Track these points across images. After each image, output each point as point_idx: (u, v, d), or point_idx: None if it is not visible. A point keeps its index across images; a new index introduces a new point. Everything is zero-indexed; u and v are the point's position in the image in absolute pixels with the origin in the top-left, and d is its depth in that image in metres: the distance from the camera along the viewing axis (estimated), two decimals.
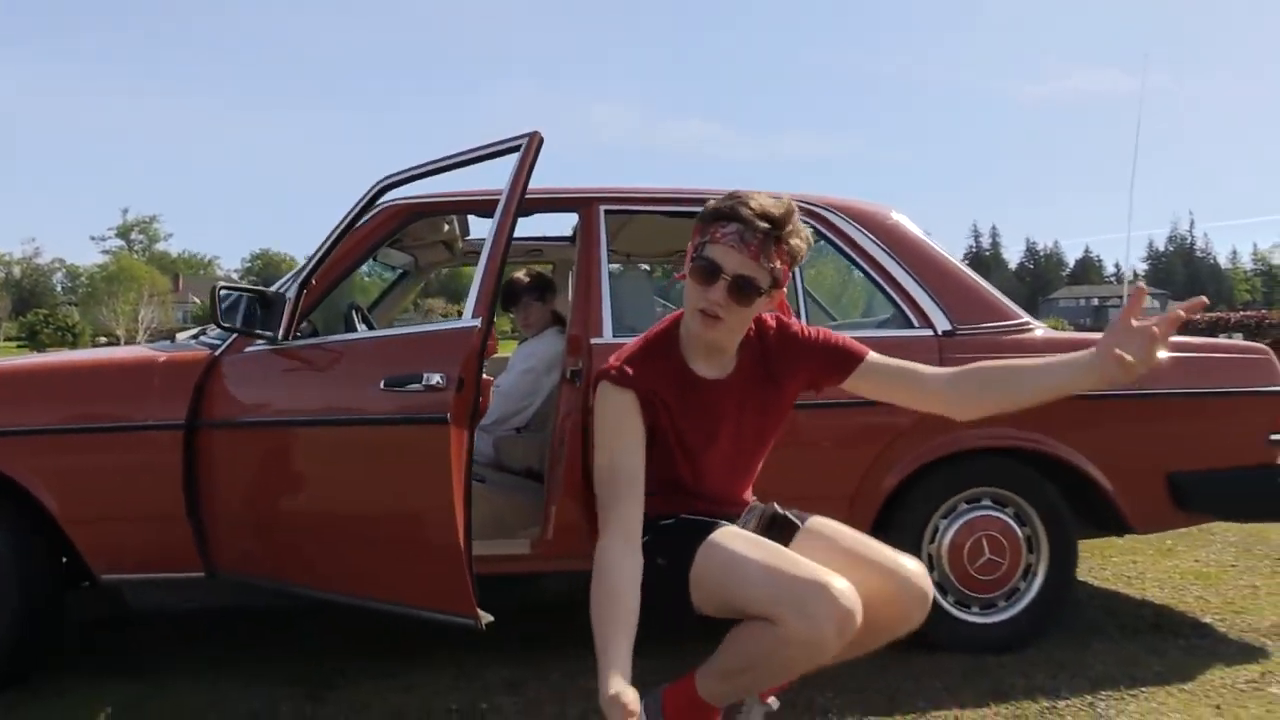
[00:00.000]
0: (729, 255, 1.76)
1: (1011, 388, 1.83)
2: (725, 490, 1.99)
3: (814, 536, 1.91)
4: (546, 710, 2.51)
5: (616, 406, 1.81)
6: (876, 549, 1.88)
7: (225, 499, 2.66)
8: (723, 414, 1.90)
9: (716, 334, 1.83)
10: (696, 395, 1.88)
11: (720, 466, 1.95)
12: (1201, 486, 3.06)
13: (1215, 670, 2.77)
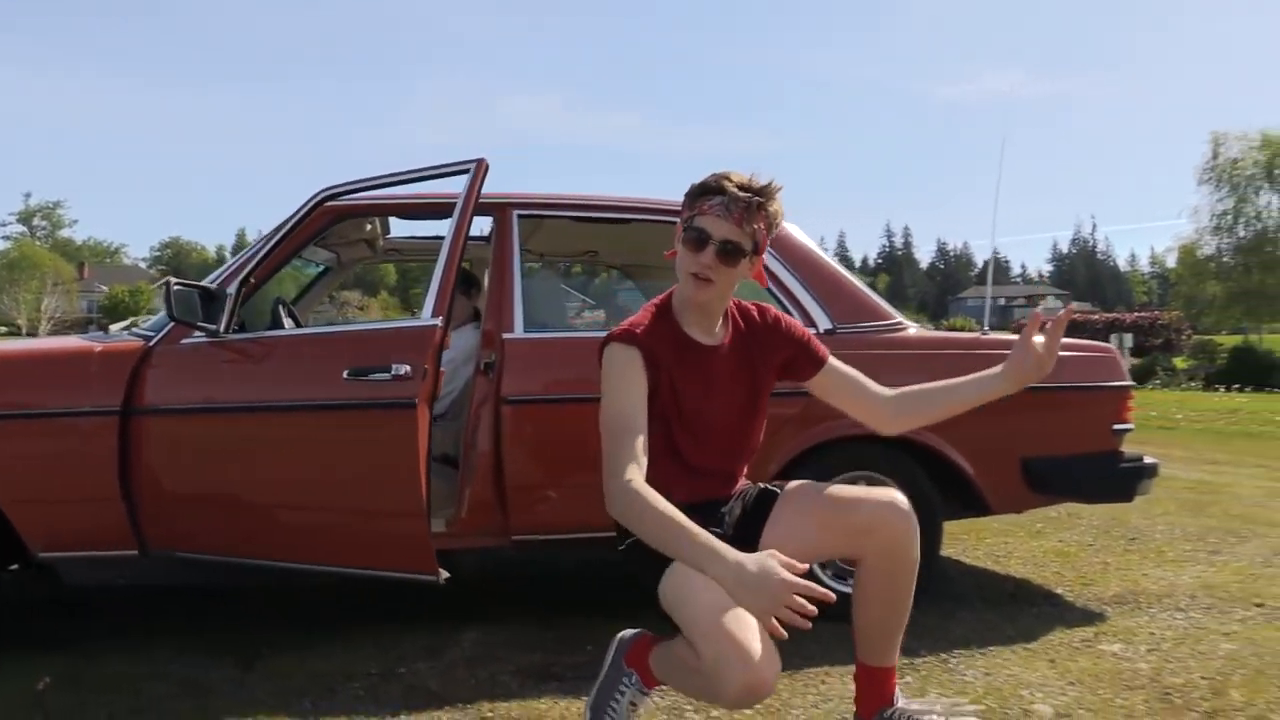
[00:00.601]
0: (716, 223, 1.97)
1: (936, 406, 2.15)
2: (723, 465, 2.14)
3: (790, 502, 2.09)
4: (460, 674, 2.74)
5: (623, 360, 1.98)
6: (841, 504, 2.05)
7: (159, 481, 2.84)
8: (716, 376, 2.08)
9: (708, 295, 2.02)
10: (693, 356, 2.06)
11: (717, 437, 2.10)
12: (1052, 471, 3.43)
13: (1057, 632, 3.13)
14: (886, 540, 2.01)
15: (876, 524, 2.01)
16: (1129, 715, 2.41)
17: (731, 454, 2.16)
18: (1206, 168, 33.48)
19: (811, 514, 2.04)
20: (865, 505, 2.03)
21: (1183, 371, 24.86)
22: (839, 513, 2.03)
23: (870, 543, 2.01)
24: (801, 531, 2.03)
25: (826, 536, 2.04)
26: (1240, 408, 14.65)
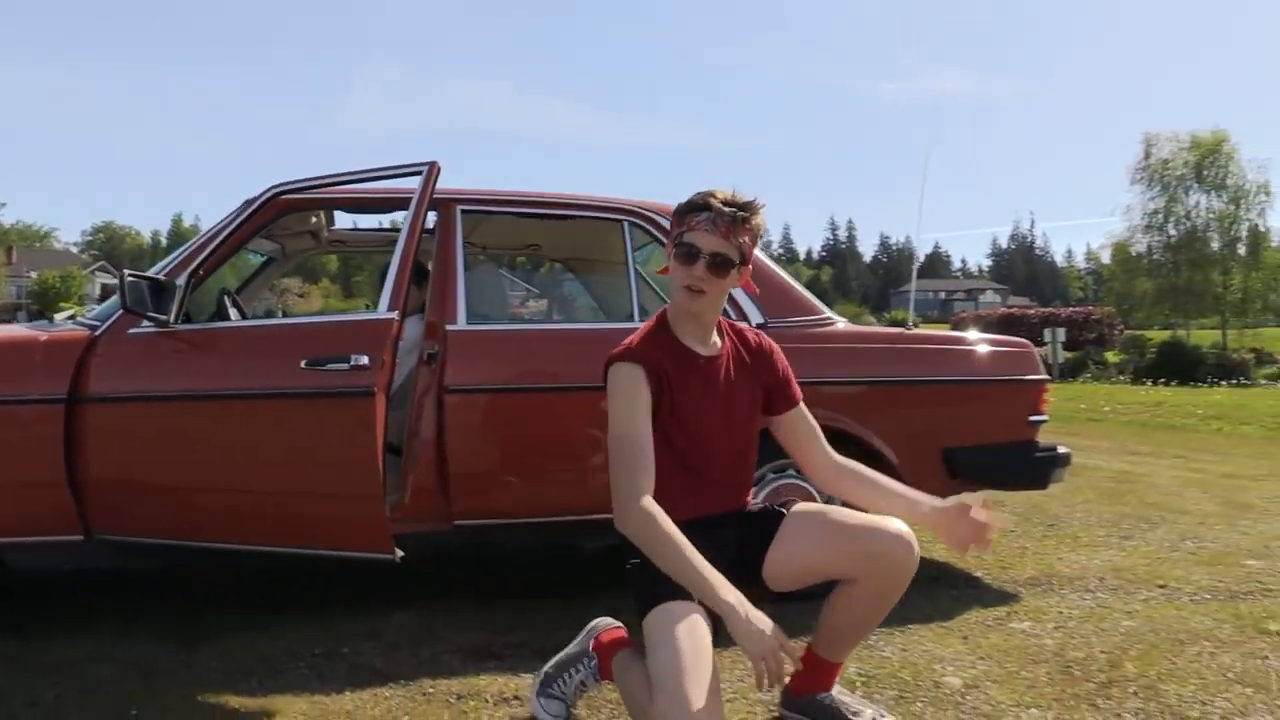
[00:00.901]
0: (705, 238, 2.09)
1: (871, 495, 2.26)
2: (725, 477, 2.23)
3: (798, 524, 2.20)
4: (402, 653, 2.84)
5: (628, 377, 2.08)
6: (852, 530, 2.13)
7: (106, 468, 2.89)
8: (715, 383, 2.19)
9: (700, 305, 2.13)
10: (691, 364, 2.17)
11: (719, 445, 2.19)
12: (971, 460, 3.61)
13: (973, 611, 3.31)
14: (890, 568, 2.12)
15: (885, 553, 2.10)
16: (1032, 686, 2.58)
17: (733, 465, 2.25)
18: (1139, 167, 34.31)
19: (821, 536, 2.15)
20: (878, 534, 2.11)
21: (1114, 365, 25.51)
22: (851, 539, 2.11)
23: (874, 567, 2.11)
24: (809, 551, 2.15)
25: (833, 559, 2.13)
26: (1164, 401, 15.14)
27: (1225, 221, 33.22)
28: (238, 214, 3.10)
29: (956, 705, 2.44)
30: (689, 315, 2.17)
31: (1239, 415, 13.02)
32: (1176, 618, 3.24)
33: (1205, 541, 4.55)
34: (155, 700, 2.47)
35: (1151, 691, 2.54)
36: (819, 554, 2.14)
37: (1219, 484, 6.61)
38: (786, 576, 2.18)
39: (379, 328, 2.80)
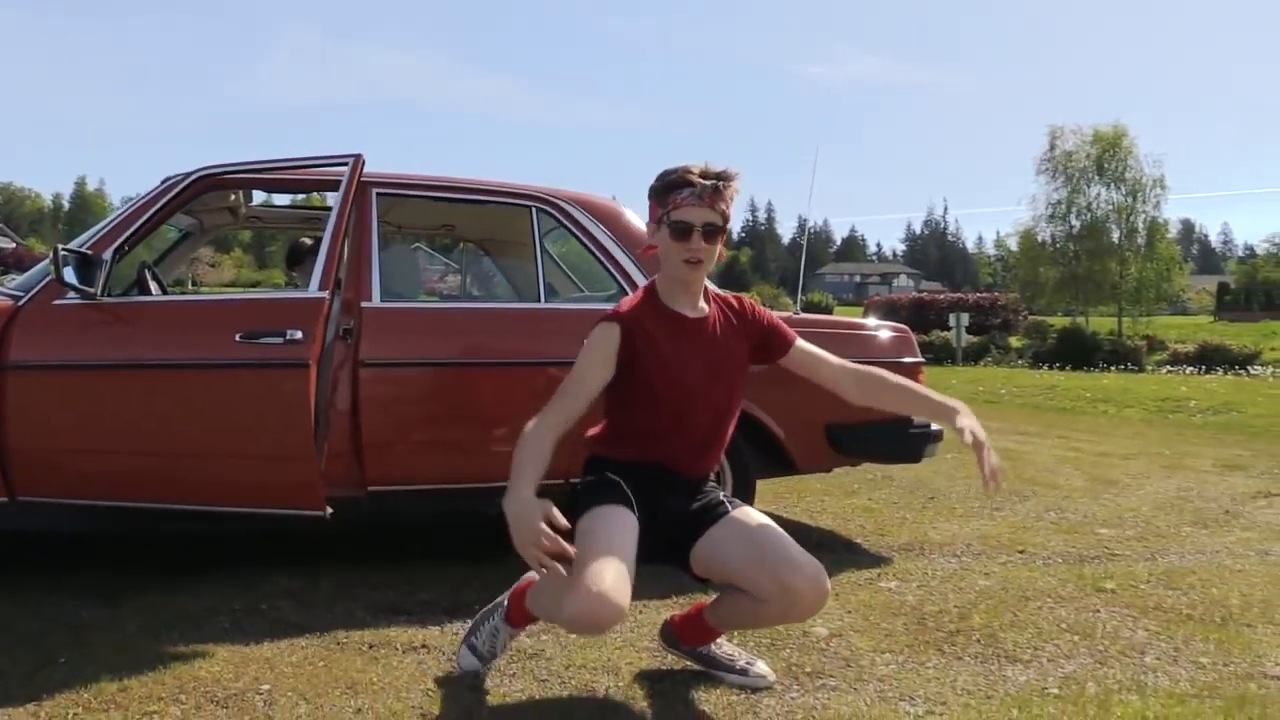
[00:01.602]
0: (694, 212, 2.23)
1: (894, 403, 2.58)
2: (703, 437, 2.36)
3: (733, 528, 2.33)
4: (319, 609, 3.03)
5: (600, 334, 2.24)
6: (773, 562, 2.24)
7: (29, 432, 3.02)
8: (703, 343, 2.33)
9: (699, 274, 2.29)
10: (680, 326, 2.32)
11: (703, 404, 2.33)
12: (851, 435, 3.92)
13: (847, 573, 3.61)
14: (795, 606, 2.27)
15: (796, 593, 2.23)
16: (889, 635, 2.90)
17: (709, 426, 2.37)
18: (1044, 159, 35.39)
19: (746, 552, 2.28)
20: (796, 574, 2.22)
21: (1016, 350, 26.45)
22: (771, 570, 2.23)
23: (783, 599, 2.24)
24: (731, 560, 2.29)
25: (750, 577, 2.26)
26: (1057, 385, 15.86)
27: (1123, 213, 34.53)
28: (163, 192, 3.25)
29: (820, 651, 2.73)
30: (683, 285, 2.32)
31: (1123, 399, 13.74)
32: (1027, 578, 3.60)
33: (1067, 513, 4.96)
34: (81, 650, 2.62)
35: (992, 639, 2.87)
36: (739, 567, 2.28)
37: (1091, 461, 7.10)
38: (708, 570, 2.36)
39: (312, 305, 2.99)
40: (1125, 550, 4.12)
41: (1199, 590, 3.47)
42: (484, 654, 2.49)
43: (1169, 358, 23.35)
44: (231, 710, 2.25)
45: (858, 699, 2.38)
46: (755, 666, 2.51)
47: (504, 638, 2.50)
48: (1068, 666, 2.65)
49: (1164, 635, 2.95)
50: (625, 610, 2.05)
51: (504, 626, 2.48)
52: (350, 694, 2.35)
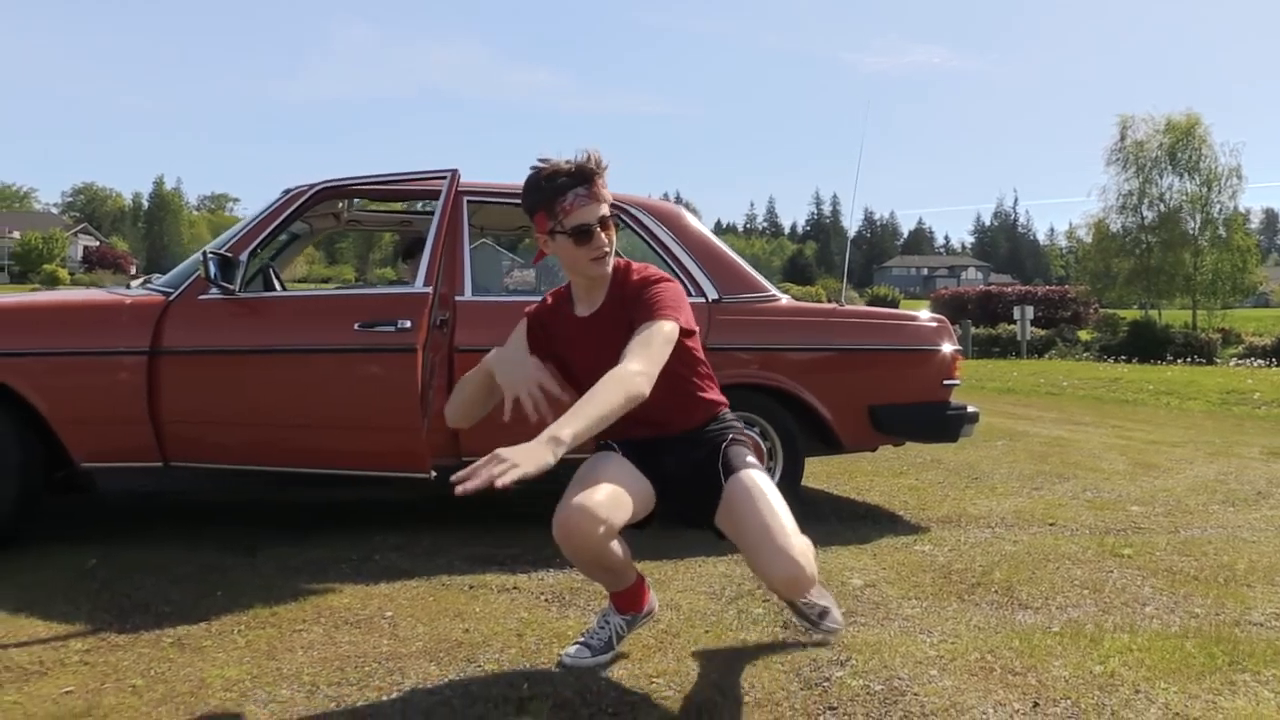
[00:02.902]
0: (585, 212, 2.20)
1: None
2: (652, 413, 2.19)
3: (728, 504, 2.34)
4: (422, 560, 3.52)
5: (515, 330, 2.40)
6: (754, 542, 2.27)
7: (180, 406, 3.57)
8: (591, 341, 2.29)
9: (606, 265, 2.27)
10: (574, 327, 2.34)
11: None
12: (893, 416, 4.32)
13: (886, 538, 4.02)
14: (770, 586, 2.36)
15: (766, 577, 2.28)
16: (916, 585, 3.30)
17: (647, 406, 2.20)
18: (1114, 149, 34.92)
19: (736, 529, 2.32)
20: (773, 560, 2.23)
21: (1085, 344, 26.31)
22: (750, 549, 2.29)
23: (766, 582, 2.34)
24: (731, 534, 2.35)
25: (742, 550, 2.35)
26: (1121, 377, 15.92)
27: (1198, 204, 33.96)
28: (288, 202, 3.78)
29: (855, 597, 3.15)
30: (594, 281, 2.31)
31: (1187, 391, 13.81)
32: (1051, 545, 3.96)
33: (1103, 492, 5.29)
34: (231, 587, 3.14)
35: (1008, 591, 3.26)
36: (737, 540, 2.36)
37: (1138, 449, 7.36)
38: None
39: (418, 299, 3.48)
40: (1150, 524, 4.45)
41: (1210, 557, 3.81)
42: (596, 646, 2.48)
43: (1243, 351, 23.07)
44: (363, 630, 2.75)
45: (883, 632, 2.80)
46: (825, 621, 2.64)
47: (614, 626, 2.51)
48: (1073, 613, 3.04)
49: (1167, 591, 3.31)
50: (606, 526, 2.16)
51: (620, 616, 2.53)
52: (458, 620, 2.83)
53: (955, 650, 2.63)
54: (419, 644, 2.63)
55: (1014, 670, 2.49)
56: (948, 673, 2.46)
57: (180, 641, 2.63)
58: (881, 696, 2.31)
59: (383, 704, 2.23)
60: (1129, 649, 2.66)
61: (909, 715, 2.21)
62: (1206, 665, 2.54)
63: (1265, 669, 2.52)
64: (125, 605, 2.95)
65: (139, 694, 2.27)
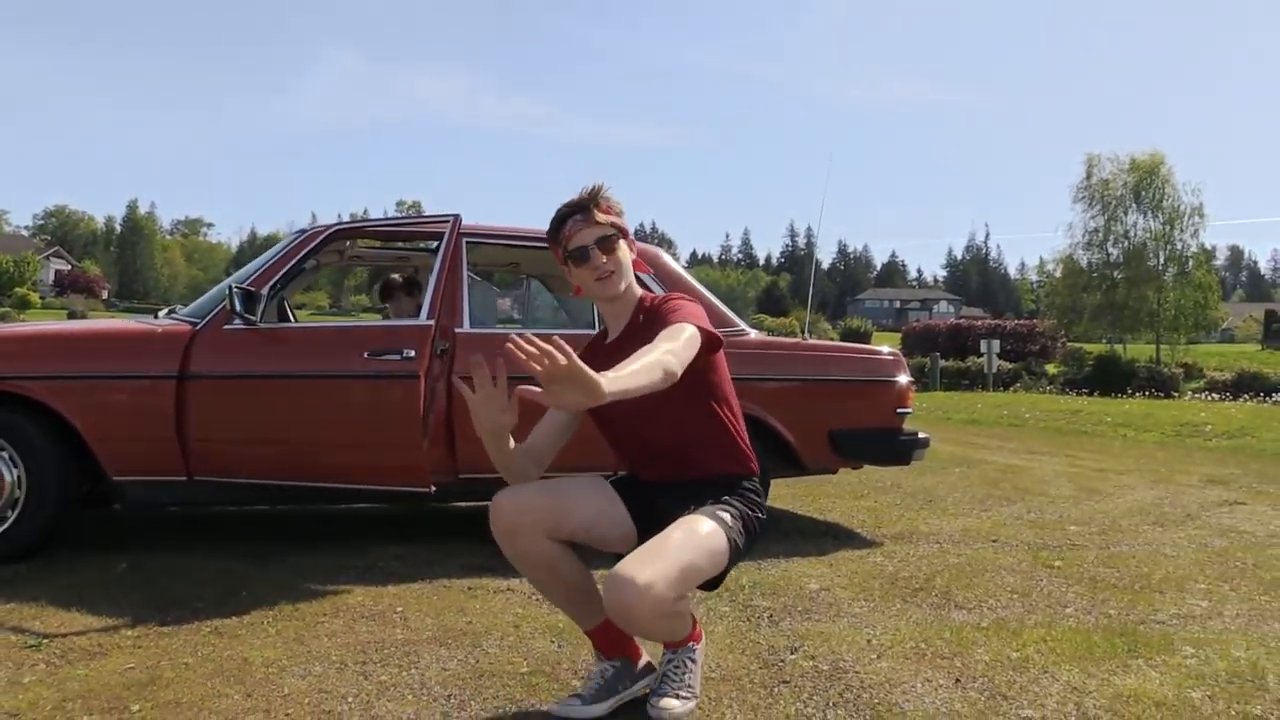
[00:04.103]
0: (581, 235, 2.32)
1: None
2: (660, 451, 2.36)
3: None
4: (423, 568, 3.90)
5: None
6: (640, 549, 2.13)
7: (205, 425, 3.93)
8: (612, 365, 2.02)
9: (615, 287, 2.34)
10: (603, 353, 2.32)
11: (633, 425, 2.36)
12: (851, 440, 4.75)
13: (843, 550, 4.43)
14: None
15: (606, 588, 2.09)
16: (865, 589, 3.71)
17: (650, 441, 2.39)
18: (1081, 187, 35.86)
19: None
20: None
21: (1052, 377, 26.93)
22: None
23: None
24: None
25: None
26: (1081, 409, 16.44)
27: (1160, 241, 34.86)
28: (304, 242, 4.19)
29: (811, 599, 3.56)
30: (606, 304, 2.40)
31: (1144, 424, 14.33)
32: (991, 558, 4.39)
33: (1045, 514, 5.73)
34: (252, 589, 3.50)
35: (946, 594, 3.68)
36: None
37: (1086, 476, 7.83)
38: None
39: (422, 330, 3.88)
40: (1084, 541, 4.89)
41: (1132, 568, 4.24)
42: (586, 696, 2.39)
43: (1205, 385, 23.71)
44: (378, 622, 3.12)
45: (833, 626, 3.20)
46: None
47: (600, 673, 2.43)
48: (1001, 612, 3.45)
49: (1087, 596, 3.73)
50: (530, 516, 2.23)
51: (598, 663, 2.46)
52: (461, 614, 3.22)
53: (894, 640, 3.04)
54: (428, 633, 3.01)
55: (942, 655, 2.90)
56: (885, 657, 2.87)
57: (218, 630, 3.00)
58: (828, 674, 2.71)
59: (403, 678, 2.61)
60: (1044, 640, 3.08)
61: (850, 688, 2.61)
62: (1107, 652, 2.97)
63: (1157, 655, 2.95)
64: (161, 602, 3.30)
65: (191, 669, 2.63)
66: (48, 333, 4.23)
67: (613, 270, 2.34)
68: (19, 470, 3.79)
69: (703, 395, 2.35)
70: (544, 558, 2.30)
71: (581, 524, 2.32)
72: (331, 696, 2.46)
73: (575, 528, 2.32)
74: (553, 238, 2.39)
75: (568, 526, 2.30)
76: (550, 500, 2.30)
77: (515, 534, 2.26)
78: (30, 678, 2.55)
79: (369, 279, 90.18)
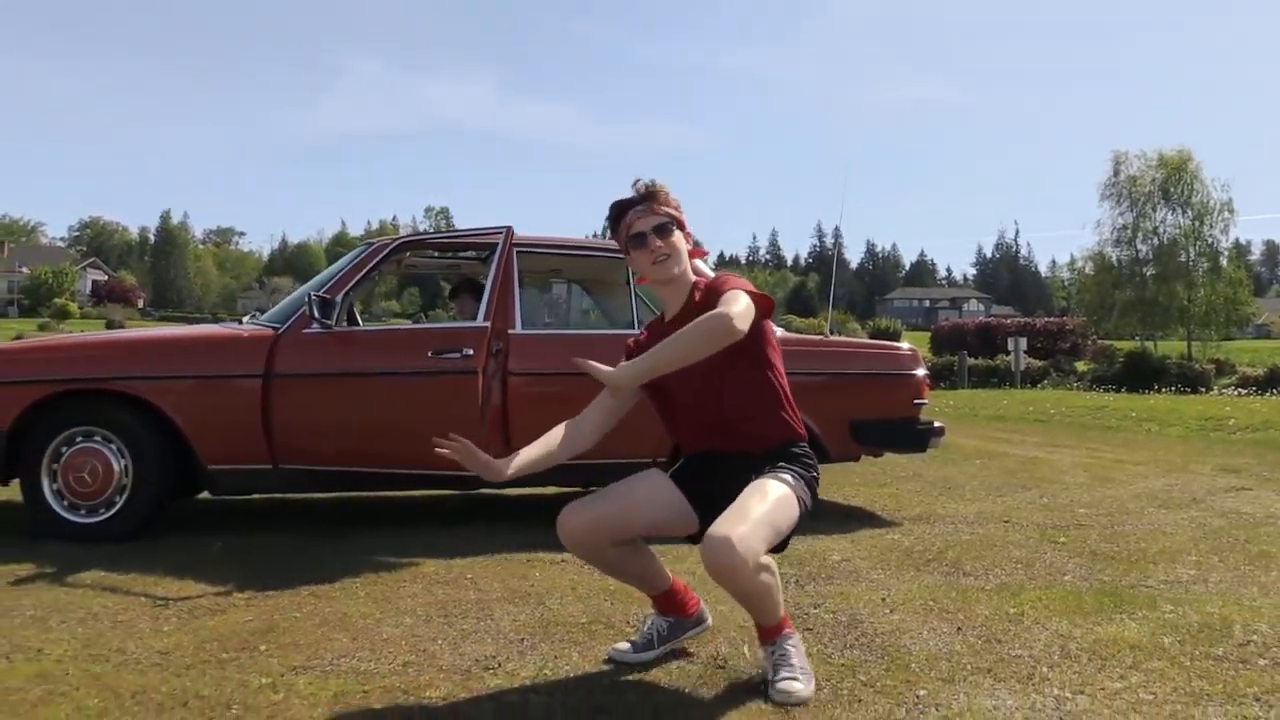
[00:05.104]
0: (640, 223, 2.53)
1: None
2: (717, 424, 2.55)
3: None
4: (481, 543, 4.33)
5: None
6: (726, 513, 2.33)
7: (288, 419, 4.40)
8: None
9: (671, 270, 2.53)
10: (660, 334, 2.50)
11: (688, 399, 2.57)
12: (870, 429, 5.16)
13: (864, 530, 4.84)
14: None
15: (705, 550, 2.32)
16: (883, 561, 4.12)
17: (717, 408, 2.56)
18: (1108, 184, 35.93)
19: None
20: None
21: (1081, 374, 27.03)
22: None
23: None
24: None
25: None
26: (1107, 405, 16.67)
27: (1190, 238, 34.84)
28: (373, 254, 4.67)
29: (833, 567, 3.97)
30: (664, 287, 2.57)
31: (1168, 418, 14.54)
32: (1001, 535, 4.78)
33: (1058, 499, 6.10)
34: (333, 562, 3.95)
35: (956, 564, 4.07)
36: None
37: (1103, 466, 8.16)
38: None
39: (479, 331, 4.32)
40: (1091, 522, 5.26)
41: (1131, 544, 4.61)
42: (639, 644, 2.70)
43: (1236, 381, 23.74)
44: (452, 586, 3.57)
45: (852, 588, 3.61)
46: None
47: (655, 627, 2.73)
48: (1005, 579, 3.85)
49: (1086, 566, 4.11)
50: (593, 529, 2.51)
51: (654, 617, 2.77)
52: (524, 580, 3.66)
53: (905, 598, 3.46)
54: (497, 593, 3.46)
55: (947, 610, 3.31)
56: (897, 612, 3.28)
57: (315, 593, 3.46)
58: (846, 624, 3.13)
59: (480, 627, 3.05)
60: (1039, 599, 3.48)
61: (864, 635, 3.02)
62: (1094, 608, 3.36)
63: (1139, 611, 3.33)
64: (259, 572, 3.76)
65: (301, 621, 3.09)
66: (150, 339, 4.74)
67: (669, 254, 2.53)
68: (126, 460, 4.28)
69: (758, 364, 2.55)
70: (610, 560, 2.61)
71: (645, 525, 2.57)
72: (423, 640, 2.91)
73: (640, 530, 2.57)
74: (614, 226, 2.61)
75: (633, 530, 2.56)
76: (614, 510, 2.54)
77: (581, 546, 2.56)
78: (168, 627, 3.01)
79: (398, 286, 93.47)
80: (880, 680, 2.60)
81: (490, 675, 2.61)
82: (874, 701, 2.44)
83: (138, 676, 2.55)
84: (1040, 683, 2.60)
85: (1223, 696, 2.52)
